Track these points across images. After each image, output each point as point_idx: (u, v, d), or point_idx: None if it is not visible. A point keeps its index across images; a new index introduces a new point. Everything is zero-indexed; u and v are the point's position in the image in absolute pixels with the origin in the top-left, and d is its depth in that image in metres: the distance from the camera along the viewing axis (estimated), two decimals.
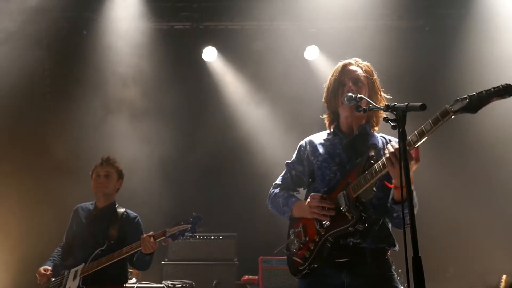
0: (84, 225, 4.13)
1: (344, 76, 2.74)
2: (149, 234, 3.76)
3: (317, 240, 2.60)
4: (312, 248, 2.61)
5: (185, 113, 7.20)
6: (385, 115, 2.21)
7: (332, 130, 2.85)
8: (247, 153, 6.92)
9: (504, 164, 6.31)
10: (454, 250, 6.36)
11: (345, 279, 2.56)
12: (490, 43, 6.33)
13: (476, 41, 6.48)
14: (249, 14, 7.00)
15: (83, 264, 3.92)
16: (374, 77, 2.79)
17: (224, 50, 7.28)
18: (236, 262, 6.15)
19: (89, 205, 4.27)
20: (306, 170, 2.85)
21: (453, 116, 2.19)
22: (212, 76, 7.40)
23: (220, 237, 6.22)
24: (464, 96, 2.17)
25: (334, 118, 2.84)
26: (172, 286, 5.46)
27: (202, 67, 7.35)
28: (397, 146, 2.29)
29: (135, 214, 4.22)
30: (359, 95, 2.56)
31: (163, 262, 6.10)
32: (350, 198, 2.54)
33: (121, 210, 4.18)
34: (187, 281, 5.61)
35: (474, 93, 2.14)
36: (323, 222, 2.60)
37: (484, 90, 2.12)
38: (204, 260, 6.09)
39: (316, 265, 2.60)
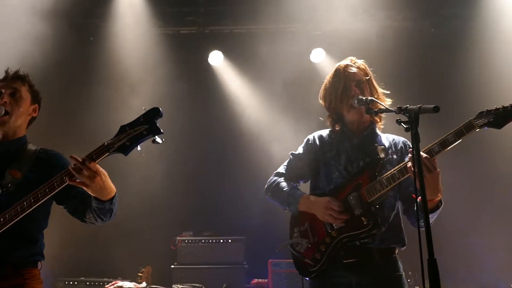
0: None
1: (348, 81, 2.73)
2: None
3: (328, 242, 2.60)
4: (323, 250, 2.61)
5: (192, 118, 7.21)
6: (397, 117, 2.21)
7: (339, 128, 2.82)
8: (256, 157, 6.91)
9: None
10: (466, 252, 6.32)
11: (353, 279, 2.57)
12: (497, 44, 6.30)
13: (482, 42, 6.45)
14: (254, 18, 7.01)
15: None
16: (370, 75, 2.80)
17: (230, 54, 7.30)
18: (245, 266, 6.16)
19: None
20: (313, 164, 2.83)
21: (477, 130, 2.25)
22: (218, 80, 7.42)
23: (229, 241, 6.23)
24: (489, 110, 2.20)
25: (338, 119, 2.83)
26: None
27: (208, 71, 7.38)
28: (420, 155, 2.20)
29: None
30: (369, 98, 2.58)
31: (172, 266, 6.12)
32: (364, 202, 2.55)
33: (34, 147, 2.81)
34: (197, 285, 5.63)
35: (499, 107, 2.16)
36: (334, 224, 2.60)
37: (510, 105, 2.15)
38: (213, 264, 6.09)
39: (326, 266, 2.60)
